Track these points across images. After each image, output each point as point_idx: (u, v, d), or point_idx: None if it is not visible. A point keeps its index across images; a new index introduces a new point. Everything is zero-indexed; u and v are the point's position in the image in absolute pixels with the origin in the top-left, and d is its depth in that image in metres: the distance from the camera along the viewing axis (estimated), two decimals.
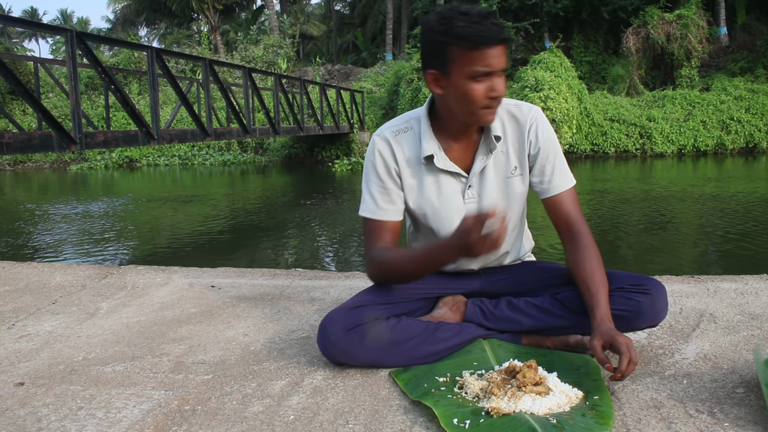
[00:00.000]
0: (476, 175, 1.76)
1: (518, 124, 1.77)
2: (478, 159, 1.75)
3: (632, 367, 1.42)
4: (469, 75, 1.56)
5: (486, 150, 1.75)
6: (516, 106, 1.78)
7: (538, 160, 1.77)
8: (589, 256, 1.68)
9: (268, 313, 2.25)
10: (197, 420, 1.43)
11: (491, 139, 1.73)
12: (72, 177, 17.06)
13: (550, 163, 1.77)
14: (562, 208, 1.76)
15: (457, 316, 1.81)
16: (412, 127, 1.77)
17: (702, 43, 20.26)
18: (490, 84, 1.57)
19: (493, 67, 1.54)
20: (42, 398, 1.57)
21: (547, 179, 1.77)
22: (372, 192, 1.77)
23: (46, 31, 12.94)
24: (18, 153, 5.97)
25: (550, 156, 1.77)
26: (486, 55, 1.53)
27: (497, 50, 1.53)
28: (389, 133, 1.78)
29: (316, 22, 41.52)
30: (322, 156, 18.91)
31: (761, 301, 2.20)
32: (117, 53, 26.46)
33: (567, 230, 1.75)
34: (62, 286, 2.70)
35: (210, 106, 9.27)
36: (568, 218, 1.75)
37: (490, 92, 1.57)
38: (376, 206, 1.76)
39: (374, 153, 1.78)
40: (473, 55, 1.53)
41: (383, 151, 1.77)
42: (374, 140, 1.80)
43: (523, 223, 1.92)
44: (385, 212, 1.76)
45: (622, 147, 17.79)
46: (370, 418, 1.42)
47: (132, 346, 1.94)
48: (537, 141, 1.76)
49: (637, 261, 5.32)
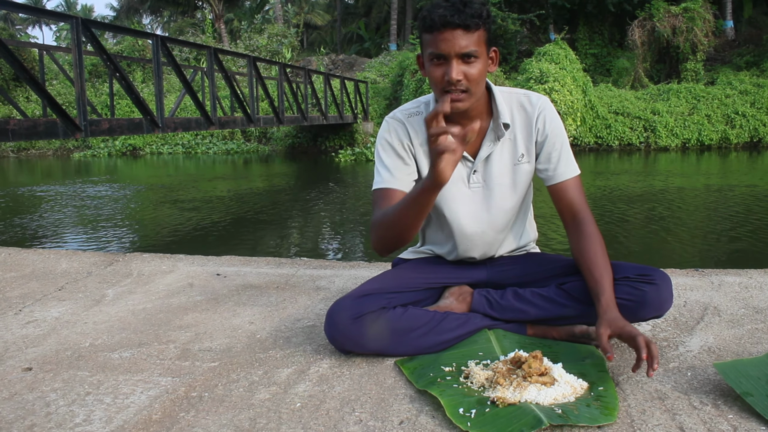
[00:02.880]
0: (482, 160, 1.78)
1: (527, 112, 1.78)
2: (485, 145, 1.77)
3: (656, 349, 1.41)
4: (428, 57, 1.60)
5: (494, 137, 1.76)
6: (525, 96, 1.80)
7: (545, 148, 1.78)
8: (593, 242, 1.69)
9: (274, 301, 2.26)
10: (204, 406, 1.44)
11: (500, 126, 1.74)
12: (75, 164, 17.07)
13: (557, 151, 1.78)
14: (567, 196, 1.77)
15: (463, 306, 1.82)
16: (422, 111, 1.80)
17: (708, 37, 20.17)
18: (446, 68, 1.58)
19: (441, 50, 1.56)
20: (50, 383, 1.58)
21: (552, 166, 1.78)
22: (386, 164, 1.77)
23: (51, 18, 12.95)
24: (23, 140, 5.97)
25: (557, 144, 1.78)
26: (437, 38, 1.56)
27: (448, 34, 1.54)
28: (401, 115, 1.82)
29: (320, 11, 41.42)
30: (326, 146, 18.90)
31: (765, 295, 2.20)
32: (121, 41, 26.41)
33: (571, 218, 1.76)
34: (68, 273, 2.71)
35: (214, 95, 9.25)
36: (572, 205, 1.76)
37: (445, 76, 1.58)
38: (391, 176, 1.75)
39: (388, 130, 1.80)
40: (428, 38, 1.59)
41: (398, 129, 1.79)
42: (387, 121, 1.82)
43: (527, 210, 1.93)
44: (399, 182, 1.75)
45: (626, 140, 17.76)
46: (376, 407, 1.43)
47: (138, 333, 1.95)
48: (544, 129, 1.78)
49: (641, 254, 5.33)
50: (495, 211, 1.81)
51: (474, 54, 1.57)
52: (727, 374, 1.46)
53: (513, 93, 1.79)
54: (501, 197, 1.80)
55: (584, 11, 22.43)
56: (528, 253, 1.98)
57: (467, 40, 1.55)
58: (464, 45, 1.55)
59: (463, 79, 1.58)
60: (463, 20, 1.53)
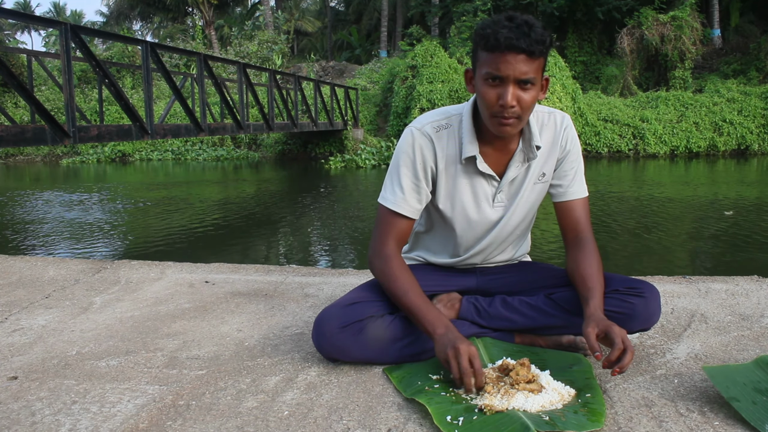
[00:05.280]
0: (508, 181, 1.76)
1: (552, 131, 1.77)
2: (513, 165, 1.74)
3: (630, 357, 1.43)
4: (484, 77, 1.55)
5: (524, 158, 1.74)
6: (549, 114, 1.78)
7: (564, 165, 1.79)
8: (590, 258, 1.70)
9: (262, 309, 2.26)
10: (192, 415, 1.44)
11: (532, 148, 1.72)
12: (64, 170, 16.97)
13: (573, 170, 1.79)
14: (574, 215, 1.79)
15: (451, 313, 1.82)
16: (452, 125, 1.74)
17: (696, 45, 20.34)
18: (501, 91, 1.54)
19: (501, 72, 1.51)
20: (36, 392, 1.57)
21: (566, 184, 1.79)
22: (402, 184, 1.72)
23: (40, 24, 12.89)
24: (11, 146, 5.93)
25: (575, 163, 1.79)
26: (498, 59, 1.51)
27: (511, 57, 1.49)
28: (430, 128, 1.73)
29: (310, 18, 41.43)
30: (316, 152, 18.87)
31: (751, 302, 2.22)
32: (110, 47, 26.35)
33: (573, 236, 1.78)
34: (55, 280, 2.69)
35: (204, 102, 9.23)
36: (577, 225, 1.78)
37: (499, 99, 1.54)
38: (404, 200, 1.72)
39: (414, 148, 1.72)
40: (488, 57, 1.53)
41: (425, 148, 1.72)
42: (414, 134, 1.73)
43: (532, 222, 1.94)
44: (410, 209, 1.73)
45: (615, 147, 17.85)
46: (363, 415, 1.42)
47: (126, 341, 1.94)
48: (566, 147, 1.78)
49: (629, 261, 5.35)
50: (509, 226, 1.82)
51: (532, 81, 1.53)
52: (715, 378, 1.47)
53: (536, 112, 1.75)
54: (516, 213, 1.80)
55: (573, 19, 22.57)
56: (519, 262, 1.99)
57: (528, 66, 1.51)
58: (525, 71, 1.51)
59: (516, 105, 1.54)
60: (528, 45, 1.49)
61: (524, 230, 1.91)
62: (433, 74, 17.83)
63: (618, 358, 1.44)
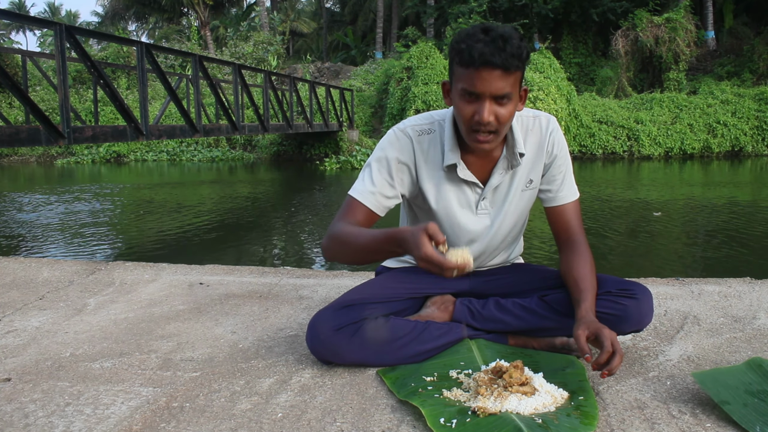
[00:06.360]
0: (492, 188, 1.76)
1: (537, 136, 1.76)
2: (497, 173, 1.74)
3: (619, 360, 1.43)
4: (460, 92, 1.54)
5: (507, 165, 1.74)
6: (534, 117, 1.76)
7: (551, 170, 1.79)
8: (584, 261, 1.71)
9: (257, 310, 2.26)
10: (185, 417, 1.44)
11: (515, 156, 1.71)
12: (58, 171, 16.93)
13: (561, 174, 1.79)
14: (564, 218, 1.79)
15: (445, 315, 1.82)
16: (435, 130, 1.73)
17: (690, 47, 20.42)
18: (477, 107, 1.53)
19: (477, 89, 1.50)
20: (29, 394, 1.57)
21: (555, 188, 1.79)
22: (373, 177, 1.70)
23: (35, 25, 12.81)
24: (5, 147, 5.93)
25: (563, 167, 1.79)
26: (473, 76, 1.49)
27: (486, 73, 1.48)
28: (412, 131, 1.73)
29: (306, 19, 41.41)
30: (311, 154, 18.87)
31: (744, 304, 2.23)
32: (105, 47, 26.28)
33: (565, 238, 1.78)
34: (49, 282, 2.69)
35: (199, 102, 9.22)
36: (568, 228, 1.78)
37: (475, 115, 1.53)
38: (371, 193, 1.69)
39: (393, 146, 1.71)
40: (464, 73, 1.51)
41: (404, 148, 1.71)
42: (396, 134, 1.72)
43: (524, 227, 1.95)
44: (376, 203, 1.70)
45: (609, 149, 17.90)
46: (357, 417, 1.43)
47: (120, 343, 1.93)
48: (553, 151, 1.77)
49: (622, 263, 5.36)
50: (499, 234, 1.82)
51: (508, 96, 1.51)
52: (705, 383, 1.48)
53: (520, 116, 1.74)
54: (506, 222, 1.81)
55: (568, 21, 22.62)
56: (512, 264, 2.00)
57: (504, 82, 1.49)
58: (500, 87, 1.49)
59: (493, 120, 1.53)
60: (503, 61, 1.46)
61: (516, 235, 1.91)
62: (428, 75, 17.84)
63: (607, 361, 1.44)
